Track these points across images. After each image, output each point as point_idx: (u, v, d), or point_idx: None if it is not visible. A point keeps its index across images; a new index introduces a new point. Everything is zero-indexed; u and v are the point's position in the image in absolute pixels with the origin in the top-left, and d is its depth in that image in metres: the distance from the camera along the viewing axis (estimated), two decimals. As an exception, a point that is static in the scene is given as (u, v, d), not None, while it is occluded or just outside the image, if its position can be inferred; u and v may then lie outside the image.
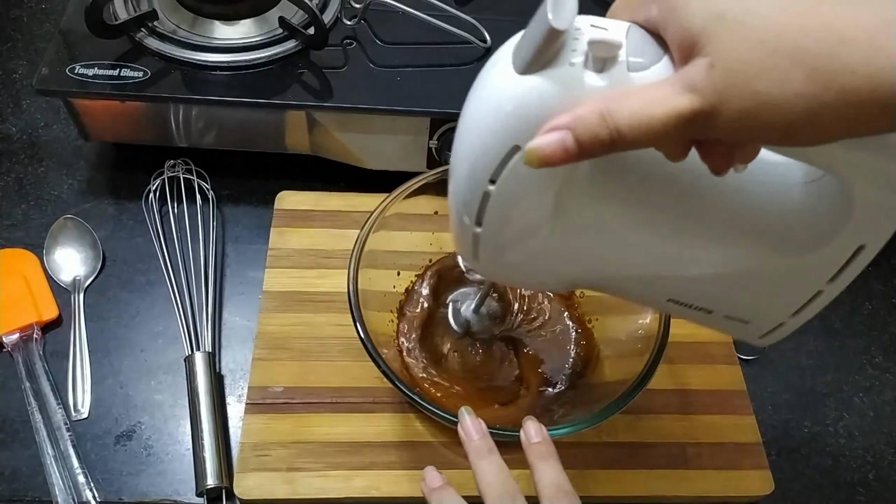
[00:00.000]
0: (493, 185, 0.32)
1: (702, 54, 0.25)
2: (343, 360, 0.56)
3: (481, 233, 0.35)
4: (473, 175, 0.33)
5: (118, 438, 0.53)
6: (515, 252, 0.37)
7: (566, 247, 0.36)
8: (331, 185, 0.67)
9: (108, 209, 0.65)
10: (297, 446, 0.51)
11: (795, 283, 0.35)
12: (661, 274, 0.37)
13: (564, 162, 0.28)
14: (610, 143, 0.27)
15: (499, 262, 0.38)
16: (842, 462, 0.57)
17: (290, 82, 0.61)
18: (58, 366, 0.56)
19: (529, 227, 0.35)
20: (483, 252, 0.37)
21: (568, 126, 0.28)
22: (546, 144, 0.28)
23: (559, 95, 0.29)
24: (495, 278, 0.46)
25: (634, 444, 0.54)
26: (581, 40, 0.29)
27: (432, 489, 0.41)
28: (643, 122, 0.26)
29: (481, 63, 0.66)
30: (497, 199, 0.33)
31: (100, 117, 0.63)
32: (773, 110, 0.24)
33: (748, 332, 0.39)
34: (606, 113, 0.27)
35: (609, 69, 0.28)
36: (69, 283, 0.60)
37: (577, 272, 0.39)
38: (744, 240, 0.35)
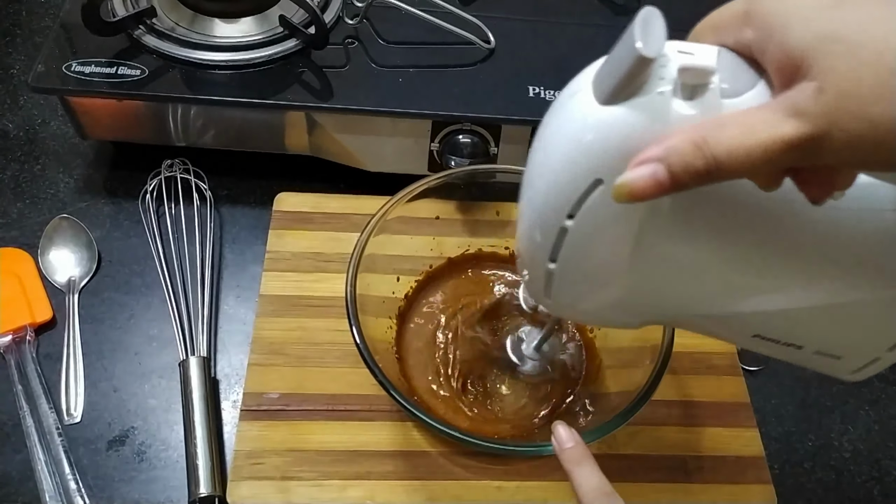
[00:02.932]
0: (571, 221, 0.31)
1: (808, 78, 0.24)
2: (340, 366, 0.55)
3: (556, 269, 0.33)
4: (549, 209, 0.31)
5: (111, 444, 0.52)
6: (592, 289, 0.35)
7: (647, 283, 0.34)
8: (330, 186, 0.66)
9: (104, 209, 0.64)
10: (291, 454, 0.51)
11: (892, 316, 0.33)
12: (747, 310, 0.34)
13: (656, 196, 0.27)
14: (706, 174, 0.25)
15: (574, 300, 0.36)
16: (846, 477, 0.56)
17: (290, 82, 0.60)
18: (51, 368, 0.55)
19: (609, 263, 0.33)
20: (557, 290, 0.35)
21: (660, 158, 0.26)
22: (638, 178, 0.26)
23: (647, 126, 0.27)
24: (567, 316, 0.44)
25: (635, 456, 0.53)
26: (669, 67, 0.27)
27: (565, 450, 0.40)
28: (743, 151, 0.25)
29: (485, 64, 0.66)
30: (575, 235, 0.31)
31: (97, 116, 0.62)
32: (889, 135, 0.23)
33: (840, 367, 0.36)
34: (702, 142, 0.25)
35: (701, 96, 0.27)
36: (64, 284, 0.59)
37: (657, 309, 0.37)
38: (838, 271, 0.33)
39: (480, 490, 0.51)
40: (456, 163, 0.61)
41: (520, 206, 0.34)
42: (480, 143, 0.61)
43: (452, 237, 0.58)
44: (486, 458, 0.52)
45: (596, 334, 0.56)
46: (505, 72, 0.63)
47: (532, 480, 0.51)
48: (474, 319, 0.56)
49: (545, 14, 0.67)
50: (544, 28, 0.66)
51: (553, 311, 0.40)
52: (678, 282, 0.35)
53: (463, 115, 0.59)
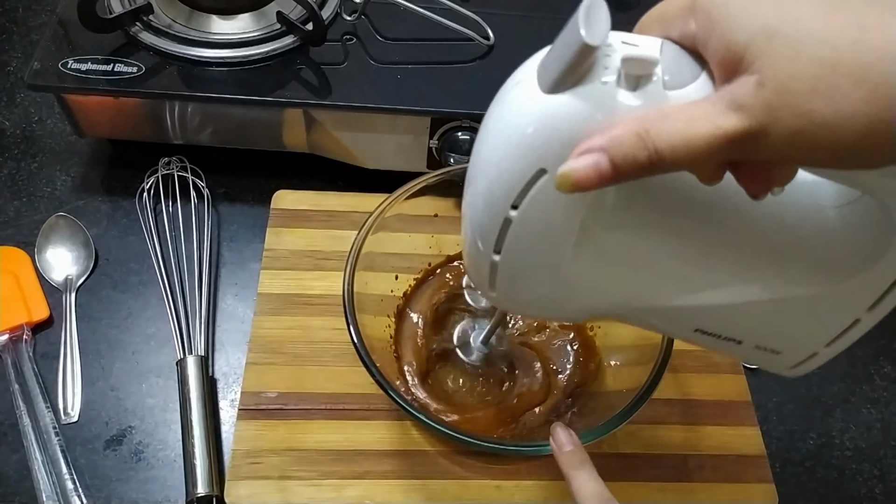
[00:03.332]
0: (515, 211, 0.30)
1: (749, 71, 0.24)
2: (338, 365, 0.54)
3: (499, 261, 0.33)
4: (493, 200, 0.31)
5: (108, 443, 0.52)
6: (536, 281, 0.35)
7: (590, 276, 0.34)
8: (329, 184, 0.65)
9: (101, 207, 0.64)
10: (290, 454, 0.50)
11: (831, 312, 0.33)
12: (689, 304, 0.35)
13: (598, 186, 0.26)
14: (648, 166, 0.25)
15: (517, 292, 0.36)
16: (848, 475, 0.56)
17: (288, 79, 0.60)
18: (48, 367, 0.55)
19: (552, 254, 0.33)
20: (501, 282, 0.35)
21: (603, 148, 0.26)
22: (581, 168, 0.26)
23: (591, 116, 0.27)
24: (511, 309, 0.43)
25: (635, 455, 0.53)
26: (613, 57, 0.27)
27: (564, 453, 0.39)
28: (685, 143, 0.25)
29: (484, 60, 0.65)
30: (519, 226, 0.31)
31: (93, 113, 0.62)
32: (829, 131, 0.23)
33: (779, 362, 0.37)
34: (644, 133, 0.25)
35: (644, 87, 0.27)
36: (61, 283, 0.59)
37: (600, 302, 0.37)
38: (778, 266, 0.33)
39: (479, 489, 0.50)
40: (455, 160, 0.60)
41: (464, 198, 0.34)
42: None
43: (451, 235, 0.58)
44: (484, 457, 0.52)
45: (596, 333, 0.56)
46: (504, 68, 0.61)
47: (531, 480, 0.51)
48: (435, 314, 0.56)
49: (544, 10, 0.67)
50: (543, 24, 0.66)
51: (497, 304, 0.40)
52: (621, 274, 0.35)
53: (462, 112, 0.59)
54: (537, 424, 0.51)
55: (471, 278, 0.37)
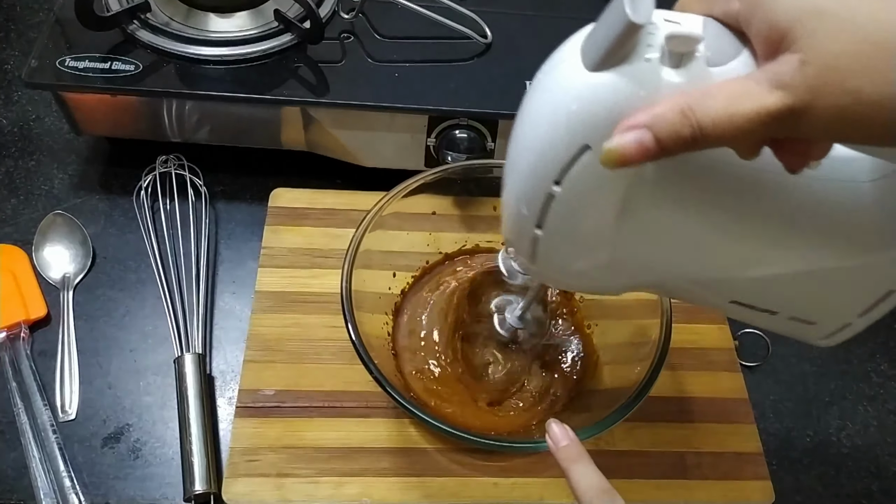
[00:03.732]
0: (559, 187, 0.31)
1: (791, 50, 0.24)
2: (336, 363, 0.54)
3: (542, 235, 0.33)
4: (536, 176, 0.31)
5: (105, 441, 0.52)
6: (577, 255, 0.35)
7: (630, 249, 0.35)
8: (326, 182, 0.65)
9: (98, 205, 0.64)
10: (287, 451, 0.50)
11: (865, 283, 0.34)
12: (727, 276, 0.35)
13: (643, 161, 0.27)
14: (692, 142, 0.26)
15: (558, 265, 0.36)
16: (844, 472, 0.56)
17: (286, 77, 0.60)
18: (45, 365, 0.55)
19: (594, 228, 0.33)
20: (542, 255, 0.35)
21: (647, 124, 0.26)
22: (625, 144, 0.27)
23: (635, 93, 0.27)
24: (551, 282, 0.44)
25: (632, 452, 0.53)
26: (657, 35, 0.27)
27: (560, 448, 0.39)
28: (728, 120, 0.25)
29: (482, 59, 0.65)
30: (562, 201, 0.31)
31: (91, 111, 0.62)
32: (871, 109, 0.23)
33: (813, 332, 0.37)
34: (688, 109, 0.26)
35: (687, 65, 0.27)
36: (58, 281, 0.59)
37: (640, 275, 0.37)
38: (813, 239, 0.33)
39: (477, 487, 0.50)
40: (452, 158, 0.60)
41: (504, 175, 0.34)
42: (477, 139, 0.61)
43: (449, 233, 0.58)
44: (482, 454, 0.52)
45: (594, 331, 0.56)
46: (502, 66, 0.62)
47: (529, 477, 0.51)
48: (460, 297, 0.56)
49: (542, 8, 0.67)
50: (541, 22, 0.66)
51: (537, 277, 0.40)
52: (661, 247, 0.35)
53: (459, 110, 0.59)
54: (535, 421, 0.51)
55: (513, 250, 0.37)
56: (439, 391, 0.52)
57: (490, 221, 0.59)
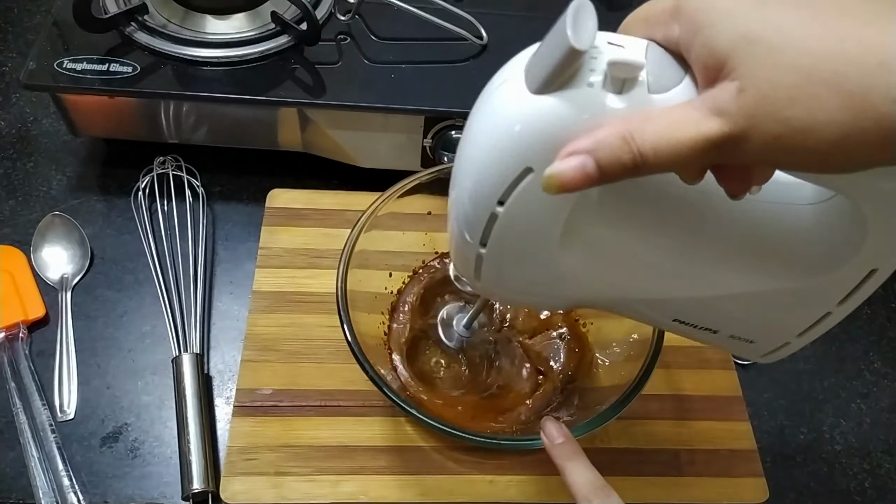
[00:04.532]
0: (502, 207, 0.31)
1: (730, 77, 0.24)
2: (333, 362, 0.55)
3: (486, 253, 0.34)
4: (480, 195, 0.31)
5: (104, 440, 0.52)
6: (521, 273, 0.36)
7: (573, 267, 0.35)
8: (323, 183, 0.66)
9: (96, 206, 0.64)
10: (284, 450, 0.51)
11: (804, 305, 0.34)
12: (669, 296, 0.36)
13: (584, 187, 0.27)
14: (633, 168, 0.26)
15: (502, 282, 0.37)
16: (837, 469, 0.56)
17: (283, 78, 0.60)
18: (44, 366, 0.55)
19: (537, 248, 0.34)
20: (486, 272, 0.35)
21: (588, 150, 0.26)
22: (566, 169, 0.27)
23: (577, 118, 0.27)
24: (496, 298, 0.44)
25: (627, 450, 0.53)
26: (599, 59, 0.27)
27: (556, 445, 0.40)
28: (668, 147, 0.25)
29: (477, 60, 0.66)
30: (505, 221, 0.32)
31: (88, 113, 0.62)
32: (806, 137, 0.23)
33: (752, 350, 0.38)
34: (629, 136, 0.26)
35: (629, 90, 0.27)
36: (56, 282, 0.59)
37: (583, 293, 0.38)
38: (754, 261, 0.34)
39: (473, 485, 0.51)
40: (448, 158, 0.61)
41: (450, 191, 0.34)
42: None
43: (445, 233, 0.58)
44: (478, 452, 0.52)
45: (589, 329, 0.56)
46: (497, 67, 0.61)
47: (524, 475, 0.51)
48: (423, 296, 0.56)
49: (537, 9, 0.67)
50: (537, 24, 0.66)
51: (482, 292, 0.41)
52: (604, 266, 0.35)
53: (455, 111, 0.59)
54: (530, 420, 0.51)
55: (456, 268, 0.38)
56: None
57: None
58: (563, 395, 0.53)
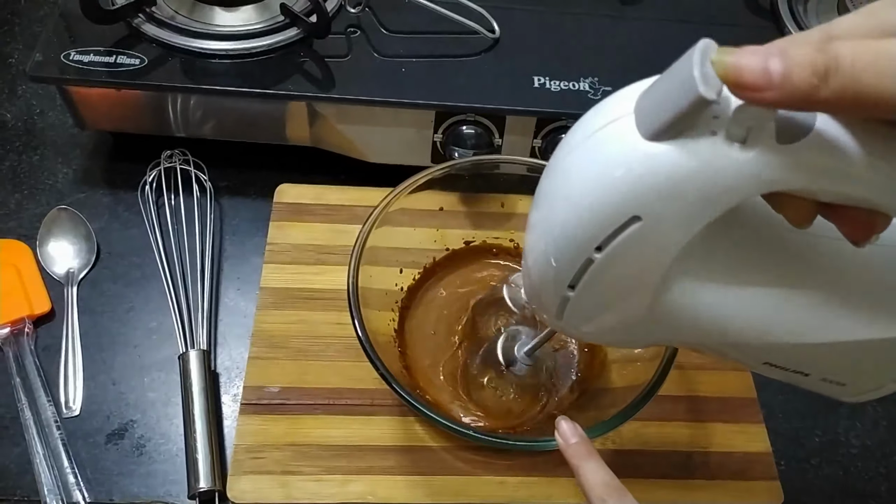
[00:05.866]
0: (599, 253, 0.29)
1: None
2: (341, 360, 0.54)
3: (573, 296, 0.32)
4: (575, 238, 0.30)
5: (109, 437, 0.52)
6: (609, 317, 0.34)
7: (667, 315, 0.33)
8: (332, 178, 0.65)
9: (103, 199, 0.63)
10: (292, 449, 0.50)
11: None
12: (765, 342, 0.34)
13: (761, 90, 0.23)
14: (823, 74, 0.22)
15: (587, 324, 0.35)
16: (853, 473, 0.55)
17: (292, 72, 0.59)
18: (49, 361, 0.54)
19: (633, 294, 0.32)
20: (571, 314, 0.34)
21: (773, 51, 0.23)
22: (747, 64, 0.23)
23: (696, 168, 0.26)
24: (575, 336, 0.42)
25: (639, 451, 0.52)
26: (723, 105, 0.25)
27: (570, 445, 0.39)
28: (871, 63, 0.22)
29: (489, 54, 0.65)
30: (601, 267, 0.30)
31: (95, 105, 0.61)
32: None
33: (842, 392, 0.36)
34: (825, 38, 0.23)
35: (754, 139, 0.25)
36: (62, 276, 0.58)
37: (672, 336, 0.36)
38: (863, 309, 0.32)
39: (483, 485, 0.50)
40: (459, 154, 0.60)
41: (533, 228, 0.33)
42: (484, 135, 0.60)
43: (456, 229, 0.58)
44: (488, 453, 0.51)
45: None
46: (509, 62, 0.62)
47: (535, 476, 0.50)
48: (471, 314, 0.55)
49: (550, 3, 0.66)
50: (549, 17, 0.65)
51: (562, 331, 0.38)
52: (700, 316, 0.33)
53: (467, 106, 0.59)
54: (542, 420, 0.50)
55: (535, 307, 0.36)
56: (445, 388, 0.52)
57: (497, 218, 0.58)
58: (575, 395, 0.52)
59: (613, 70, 0.61)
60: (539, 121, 0.60)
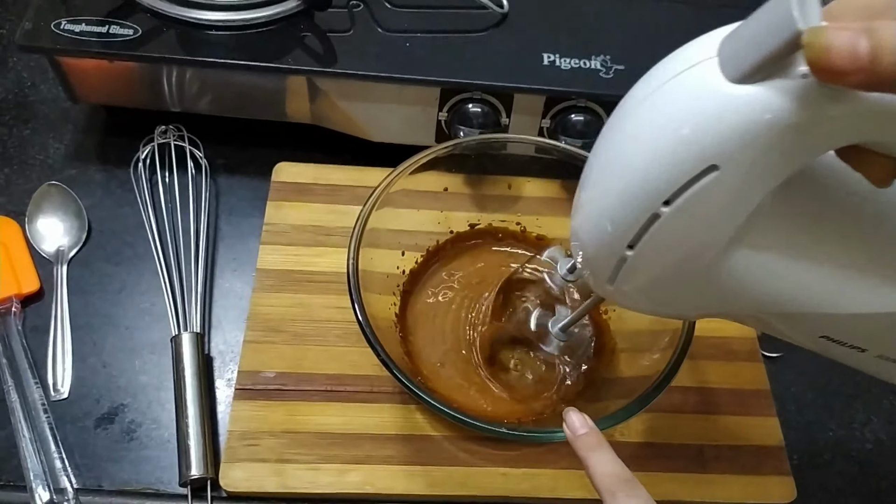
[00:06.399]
0: (667, 207, 0.28)
1: None
2: (340, 345, 0.52)
3: (631, 256, 0.30)
4: (640, 192, 0.28)
5: (99, 421, 0.50)
6: (667, 281, 0.32)
7: (729, 279, 0.31)
8: (332, 157, 0.63)
9: (95, 176, 0.61)
10: (288, 436, 0.48)
11: None
12: (826, 312, 0.32)
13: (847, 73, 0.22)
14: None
15: (641, 288, 0.33)
16: (868, 469, 0.54)
17: (292, 45, 0.57)
18: (37, 342, 0.52)
19: (698, 255, 0.30)
20: (626, 277, 0.32)
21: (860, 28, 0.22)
22: (835, 42, 0.22)
23: (786, 113, 0.24)
24: (624, 304, 0.38)
25: (650, 443, 0.50)
26: None
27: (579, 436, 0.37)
28: None
29: (497, 29, 0.62)
30: (668, 223, 0.28)
31: (87, 77, 0.59)
32: None
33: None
34: None
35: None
36: (52, 254, 0.56)
37: (726, 306, 0.34)
38: None
39: (485, 477, 0.48)
40: (465, 133, 0.58)
41: (588, 184, 0.31)
42: (491, 113, 0.58)
43: (461, 211, 0.56)
44: (492, 443, 0.49)
45: (610, 316, 0.53)
46: (518, 38, 0.59)
47: (539, 468, 0.49)
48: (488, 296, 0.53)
49: (561, -22, 0.64)
50: (560, -7, 0.63)
51: (608, 297, 0.36)
52: (764, 280, 0.31)
53: (473, 83, 0.56)
54: (548, 410, 0.48)
55: (586, 268, 0.34)
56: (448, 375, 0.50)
57: (504, 200, 0.56)
58: (582, 385, 0.50)
59: (626, 48, 0.59)
60: (548, 100, 0.57)
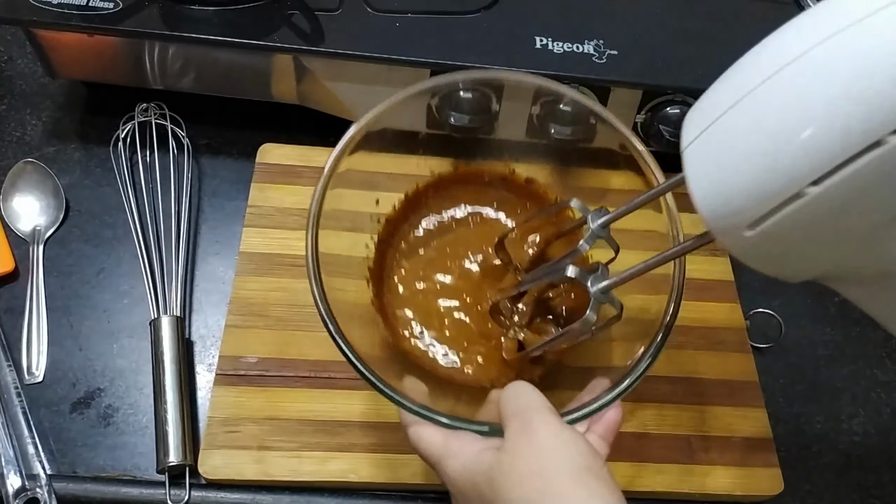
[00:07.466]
0: (816, 187, 0.25)
1: None
2: (324, 331, 0.50)
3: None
4: (781, 169, 0.26)
5: (74, 406, 0.49)
6: (827, 233, 0.28)
7: (864, 257, 0.28)
8: (319, 139, 0.61)
9: (73, 154, 0.60)
10: (269, 423, 0.47)
11: None
12: None
13: None
14: None
15: (778, 235, 0.28)
16: (855, 461, 0.53)
17: (278, 23, 0.55)
18: (11, 324, 0.51)
19: (838, 238, 0.27)
20: (780, 222, 0.27)
21: None
22: None
23: None
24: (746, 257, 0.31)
25: (636, 434, 0.50)
26: None
27: None
28: None
29: (489, 11, 0.61)
30: (810, 205, 0.26)
31: (66, 52, 0.57)
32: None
33: None
34: None
35: None
36: (28, 234, 0.55)
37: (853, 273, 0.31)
38: None
39: (471, 466, 0.47)
40: (455, 119, 0.56)
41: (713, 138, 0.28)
42: (482, 99, 0.57)
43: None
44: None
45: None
46: (510, 20, 0.58)
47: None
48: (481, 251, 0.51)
49: (555, -40, 0.63)
50: (554, -25, 0.62)
51: (737, 247, 0.30)
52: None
53: (465, 65, 0.55)
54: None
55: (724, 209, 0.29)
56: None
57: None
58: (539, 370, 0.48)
59: (620, 32, 0.58)
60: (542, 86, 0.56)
